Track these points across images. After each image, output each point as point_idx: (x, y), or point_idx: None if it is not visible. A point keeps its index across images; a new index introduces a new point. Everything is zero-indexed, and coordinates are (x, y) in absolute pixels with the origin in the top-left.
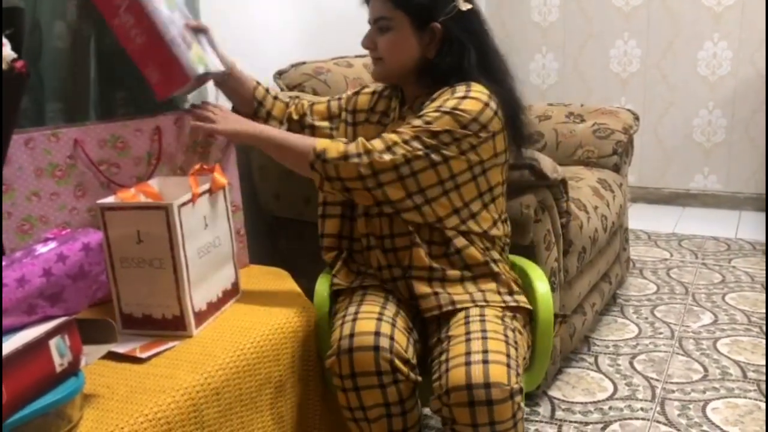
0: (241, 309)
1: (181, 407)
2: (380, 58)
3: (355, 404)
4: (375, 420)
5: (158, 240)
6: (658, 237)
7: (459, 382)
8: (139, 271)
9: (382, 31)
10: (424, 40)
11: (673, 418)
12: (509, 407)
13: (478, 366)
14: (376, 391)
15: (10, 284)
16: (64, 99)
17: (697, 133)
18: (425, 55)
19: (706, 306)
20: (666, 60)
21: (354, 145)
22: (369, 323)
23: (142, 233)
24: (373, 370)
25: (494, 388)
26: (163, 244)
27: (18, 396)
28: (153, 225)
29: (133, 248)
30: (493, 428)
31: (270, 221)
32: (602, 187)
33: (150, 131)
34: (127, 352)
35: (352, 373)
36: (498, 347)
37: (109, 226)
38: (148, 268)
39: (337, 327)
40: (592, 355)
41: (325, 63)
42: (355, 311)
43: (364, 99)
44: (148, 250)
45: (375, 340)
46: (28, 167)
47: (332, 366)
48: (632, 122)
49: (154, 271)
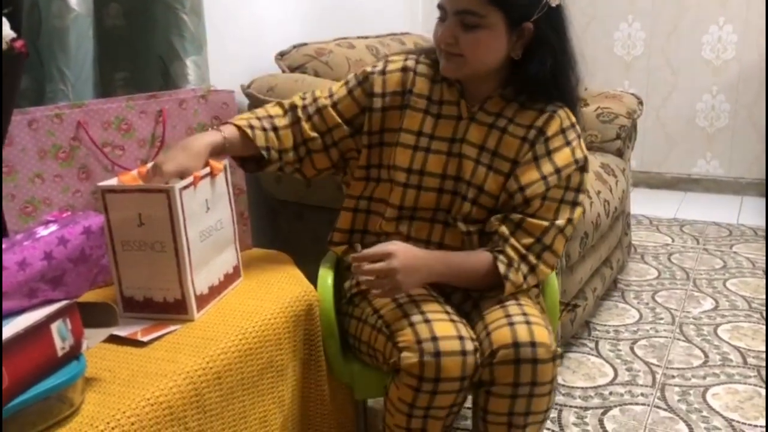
0: (243, 293)
1: (183, 391)
2: (460, 55)
3: (423, 404)
4: (437, 418)
5: (160, 223)
6: (659, 222)
7: (505, 340)
8: (141, 254)
9: (467, 27)
10: (512, 40)
11: (674, 404)
12: (551, 369)
13: (522, 326)
14: (453, 395)
15: (11, 267)
16: (63, 79)
17: (700, 118)
18: (510, 56)
19: (707, 292)
20: (670, 43)
21: (523, 274)
22: (447, 325)
23: (144, 216)
24: (458, 376)
25: (540, 347)
26: (164, 227)
27: (19, 380)
28: (154, 208)
29: (134, 231)
30: (533, 389)
31: (272, 204)
32: (605, 172)
33: (154, 113)
34: (129, 335)
35: (436, 378)
36: (534, 312)
37: (110, 208)
38: (150, 251)
39: (406, 327)
40: (593, 340)
41: (327, 44)
42: (418, 310)
43: (395, 79)
44: (150, 233)
45: (461, 345)
46: (32, 149)
47: (411, 368)
48: (636, 107)
49: (156, 254)
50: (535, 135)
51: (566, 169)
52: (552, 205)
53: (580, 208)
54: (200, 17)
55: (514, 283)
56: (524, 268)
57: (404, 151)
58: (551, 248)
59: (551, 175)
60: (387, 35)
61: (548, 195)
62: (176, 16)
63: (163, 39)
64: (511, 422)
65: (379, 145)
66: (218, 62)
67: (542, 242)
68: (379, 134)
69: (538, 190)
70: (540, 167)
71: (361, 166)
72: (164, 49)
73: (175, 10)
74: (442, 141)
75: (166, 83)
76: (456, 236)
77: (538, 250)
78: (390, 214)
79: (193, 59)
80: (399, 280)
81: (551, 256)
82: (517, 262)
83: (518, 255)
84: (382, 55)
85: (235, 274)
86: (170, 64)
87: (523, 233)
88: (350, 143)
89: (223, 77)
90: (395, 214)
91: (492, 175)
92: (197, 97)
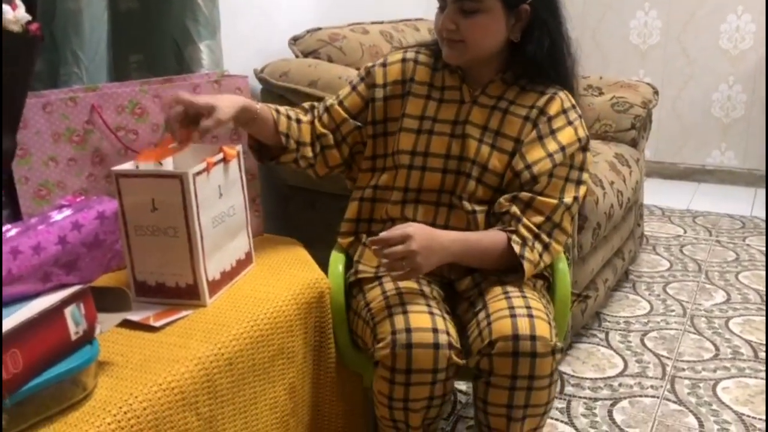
0: (254, 279)
1: (195, 377)
2: (461, 41)
3: (399, 396)
4: (415, 411)
5: (173, 208)
6: (671, 213)
7: (505, 332)
8: (154, 240)
9: (466, 13)
10: (510, 23)
11: (683, 397)
12: (550, 363)
13: (524, 319)
14: (427, 387)
15: (25, 251)
16: (77, 62)
17: (716, 108)
18: (510, 39)
19: (719, 284)
20: (687, 32)
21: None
22: (423, 318)
23: (157, 201)
24: (430, 368)
25: (539, 341)
26: (177, 212)
27: (34, 363)
28: (168, 193)
29: (147, 216)
30: (531, 382)
31: (283, 190)
32: (619, 162)
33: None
34: (141, 320)
35: (407, 369)
36: (538, 306)
37: (123, 193)
38: (163, 236)
39: (384, 318)
40: (603, 331)
41: (341, 29)
42: (400, 302)
43: (396, 69)
44: (163, 218)
45: (434, 338)
46: (46, 132)
47: (384, 359)
48: (651, 96)
49: (169, 239)
50: (537, 114)
51: (570, 147)
52: (558, 182)
53: (584, 186)
54: (214, 1)
55: (531, 261)
56: (539, 246)
57: (408, 135)
58: (560, 226)
59: (556, 152)
60: (401, 21)
61: (554, 173)
62: (191, 0)
63: (177, 22)
64: (510, 415)
65: (383, 135)
66: (231, 46)
67: (552, 220)
68: (382, 124)
69: (545, 167)
70: (545, 145)
71: (367, 157)
72: (178, 32)
73: None
74: (445, 123)
75: (180, 67)
76: (461, 219)
77: (549, 228)
78: (395, 197)
79: (207, 43)
80: (418, 261)
81: (561, 233)
82: (531, 241)
83: (531, 234)
84: (396, 41)
85: (247, 260)
86: (184, 48)
87: (534, 212)
88: (357, 136)
89: (236, 61)
90: (400, 197)
91: (495, 153)
92: (211, 81)
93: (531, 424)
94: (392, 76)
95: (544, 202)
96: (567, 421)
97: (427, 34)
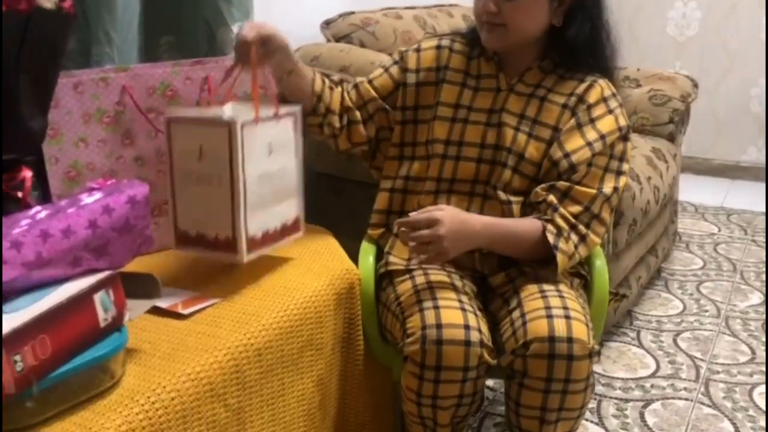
0: (284, 268)
1: (223, 367)
2: (503, 25)
3: (428, 393)
4: (444, 408)
5: (219, 157)
6: (705, 210)
7: (541, 333)
8: (198, 189)
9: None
10: (553, 6)
11: (718, 401)
12: (586, 366)
13: (561, 320)
14: (457, 385)
15: (55, 234)
16: (109, 42)
17: (755, 103)
18: (550, 24)
19: (754, 285)
20: (727, 24)
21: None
22: (455, 313)
23: (204, 148)
24: (461, 366)
25: (576, 343)
26: (222, 161)
27: (62, 349)
28: (215, 141)
29: (193, 164)
30: (567, 386)
31: (311, 176)
32: (656, 157)
33: (200, 80)
34: (169, 307)
35: (437, 366)
36: (575, 306)
37: (173, 138)
38: (206, 185)
39: (415, 313)
40: (635, 330)
41: (373, 14)
42: (431, 296)
43: (430, 55)
44: (208, 166)
45: (466, 335)
46: (77, 112)
47: (414, 355)
48: (690, 90)
49: (212, 189)
50: (576, 102)
51: (610, 136)
52: (598, 172)
53: (624, 177)
54: None
55: (565, 252)
56: (574, 237)
57: (442, 123)
58: (599, 217)
59: (596, 141)
60: (435, 6)
61: (594, 162)
62: None
63: (210, 4)
64: (543, 418)
65: (413, 122)
66: None
67: (591, 211)
68: (413, 110)
69: (584, 156)
70: (584, 134)
71: (395, 144)
72: (211, 13)
73: None
74: (481, 112)
75: (211, 49)
76: (495, 209)
77: (587, 219)
78: (428, 188)
79: (240, 25)
80: (445, 246)
81: (599, 225)
82: (567, 231)
83: (568, 224)
84: (429, 27)
85: (294, 227)
86: (216, 29)
87: (571, 201)
88: (384, 119)
89: None
90: (434, 186)
91: (532, 141)
92: None
93: (564, 427)
94: (426, 62)
95: (582, 191)
96: (597, 421)
97: (461, 20)
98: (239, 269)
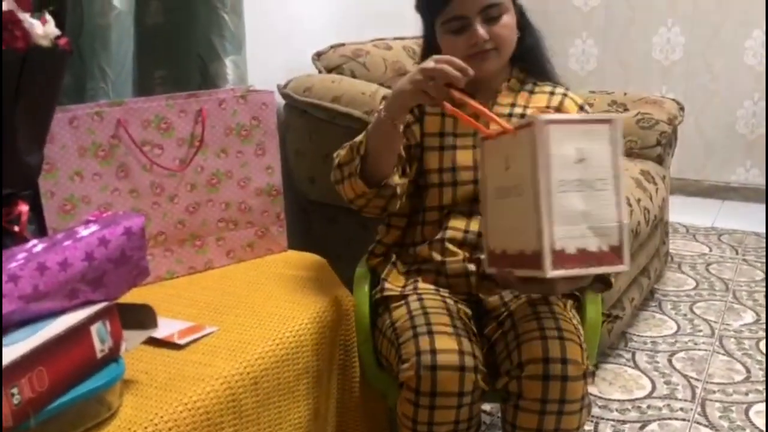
0: (279, 296)
1: (220, 396)
2: (494, 49)
3: (424, 419)
4: None
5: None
6: (696, 231)
7: (535, 354)
8: (506, 202)
9: (493, 19)
10: (516, 17)
11: (715, 420)
12: (581, 387)
13: (555, 341)
14: (452, 411)
15: (52, 267)
16: (104, 77)
17: (741, 125)
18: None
19: (747, 304)
20: (711, 48)
21: None
22: (449, 339)
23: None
24: (456, 391)
25: (570, 364)
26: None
27: (59, 381)
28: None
29: (501, 176)
30: (562, 407)
31: (304, 205)
32: (645, 179)
33: (194, 113)
34: (165, 337)
35: (432, 391)
36: (569, 327)
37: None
38: (514, 197)
39: (409, 338)
40: (630, 351)
41: (364, 45)
42: (425, 322)
43: (435, 121)
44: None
45: (460, 360)
46: (72, 146)
47: (409, 381)
48: (677, 112)
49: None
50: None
51: None
52: None
53: None
54: (240, 17)
55: None
56: None
57: (432, 153)
58: None
59: None
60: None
61: None
62: (217, 15)
63: (203, 38)
64: None
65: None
66: (255, 62)
67: None
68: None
69: None
70: None
71: None
72: (204, 47)
73: (216, 8)
74: (467, 137)
75: (205, 82)
76: None
77: None
78: (430, 218)
79: (233, 59)
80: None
81: None
82: None
83: None
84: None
85: (611, 257)
86: (210, 63)
87: None
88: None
89: (260, 77)
90: (436, 216)
91: None
92: (236, 97)
93: None
94: None
95: None
96: None
97: None
98: (234, 299)
